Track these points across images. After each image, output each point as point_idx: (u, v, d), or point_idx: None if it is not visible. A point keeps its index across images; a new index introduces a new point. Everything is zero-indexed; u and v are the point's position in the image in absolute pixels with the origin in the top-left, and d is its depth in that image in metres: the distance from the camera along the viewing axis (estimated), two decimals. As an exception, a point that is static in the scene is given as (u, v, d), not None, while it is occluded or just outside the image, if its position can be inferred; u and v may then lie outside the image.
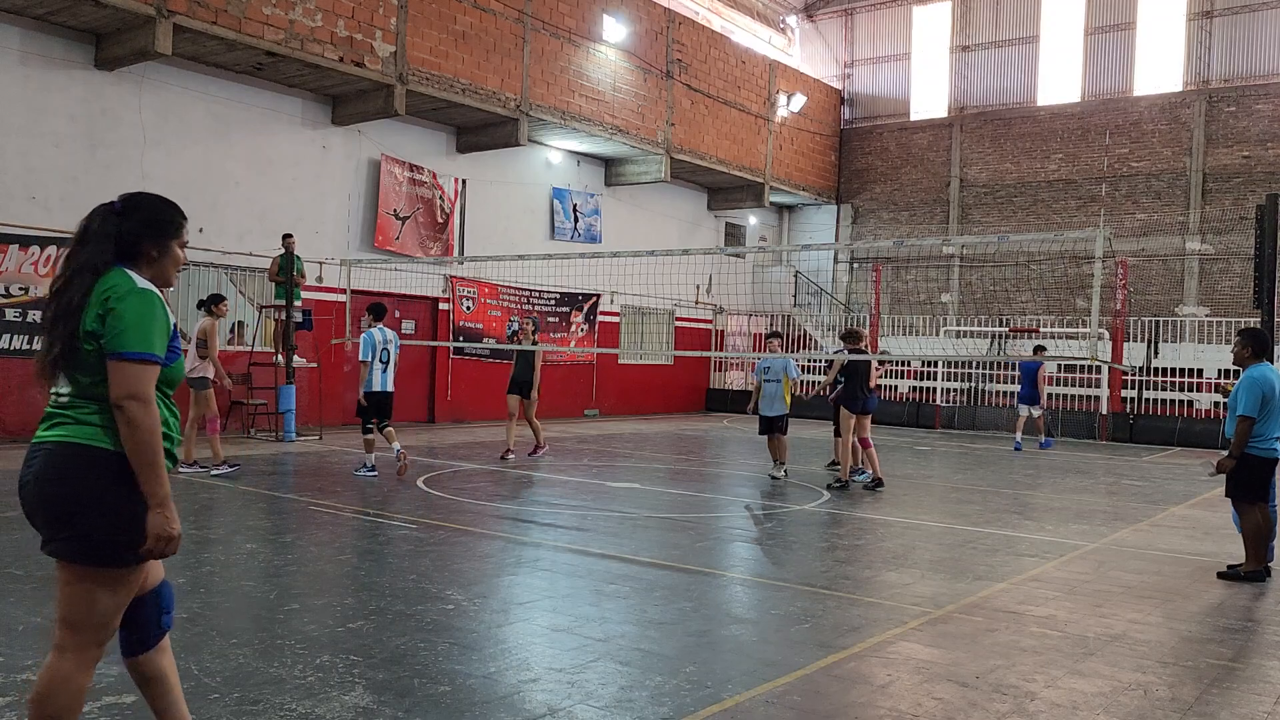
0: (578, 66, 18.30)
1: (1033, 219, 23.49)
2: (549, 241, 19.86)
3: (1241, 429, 6.76)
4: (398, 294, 17.02)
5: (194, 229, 14.31)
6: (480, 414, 18.71)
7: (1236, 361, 7.15)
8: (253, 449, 12.91)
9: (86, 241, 2.84)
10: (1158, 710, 4.15)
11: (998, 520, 9.16)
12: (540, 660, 4.54)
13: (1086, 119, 23.12)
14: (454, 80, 15.96)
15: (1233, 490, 6.93)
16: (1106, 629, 5.40)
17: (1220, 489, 12.00)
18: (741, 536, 8.14)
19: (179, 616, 4.97)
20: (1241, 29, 21.74)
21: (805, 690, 4.25)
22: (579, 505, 9.38)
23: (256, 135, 15.13)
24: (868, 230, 25.82)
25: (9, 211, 12.42)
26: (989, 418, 20.95)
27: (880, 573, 6.72)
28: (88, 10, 12.22)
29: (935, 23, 25.42)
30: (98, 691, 3.88)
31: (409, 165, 17.18)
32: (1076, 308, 21.39)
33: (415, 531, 7.53)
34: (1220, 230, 21.63)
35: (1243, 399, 6.79)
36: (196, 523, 7.62)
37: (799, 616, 5.45)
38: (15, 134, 12.55)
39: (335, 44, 14.22)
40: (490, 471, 11.52)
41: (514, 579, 6.19)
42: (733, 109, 22.14)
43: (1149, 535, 8.61)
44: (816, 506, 9.58)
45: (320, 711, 3.77)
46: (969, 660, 4.74)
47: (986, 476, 12.73)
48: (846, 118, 26.55)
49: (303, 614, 5.12)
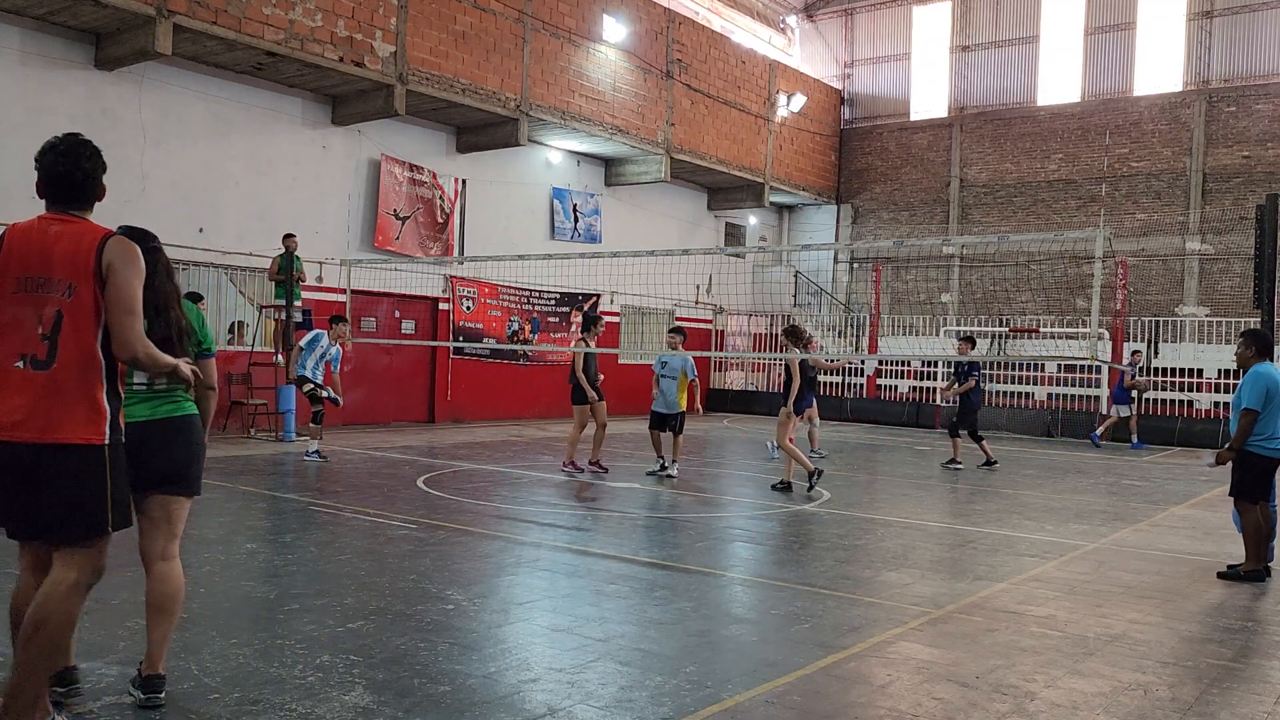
0: (578, 66, 18.30)
1: (1033, 219, 23.49)
2: (549, 241, 19.86)
3: (1244, 422, 6.75)
4: (398, 294, 17.03)
5: (194, 229, 14.36)
6: (480, 414, 18.71)
7: (1240, 363, 7.12)
8: (252, 449, 12.91)
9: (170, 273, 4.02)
10: (1158, 710, 4.15)
11: (998, 520, 9.16)
12: (540, 660, 4.54)
13: (1086, 119, 23.12)
14: (454, 80, 15.96)
15: (1236, 488, 6.92)
16: (1106, 629, 5.40)
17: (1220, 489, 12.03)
18: (741, 536, 8.14)
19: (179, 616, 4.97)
20: (1241, 29, 21.73)
21: (805, 690, 4.25)
22: (579, 505, 9.38)
23: (256, 135, 15.13)
24: (868, 230, 25.82)
25: (9, 211, 12.33)
26: (989, 418, 20.91)
27: (880, 573, 6.72)
28: (88, 10, 12.23)
29: (935, 23, 25.42)
30: (98, 691, 3.88)
31: (409, 165, 17.18)
32: (1076, 308, 21.38)
33: (415, 531, 7.52)
34: (1220, 230, 21.63)
35: (1247, 393, 6.78)
36: (196, 523, 7.62)
37: (799, 616, 5.45)
38: (15, 134, 12.54)
39: (335, 44, 14.22)
40: (490, 471, 11.52)
41: (514, 579, 6.19)
42: (733, 109, 22.14)
43: (1149, 535, 8.61)
44: (816, 506, 9.58)
45: (320, 711, 3.77)
46: (969, 660, 4.74)
47: (987, 476, 12.73)
48: (846, 118, 26.55)
49: (303, 614, 5.12)
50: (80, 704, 3.73)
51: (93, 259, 3.21)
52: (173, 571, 3.85)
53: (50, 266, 3.23)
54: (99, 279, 3.22)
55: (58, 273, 3.22)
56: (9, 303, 3.24)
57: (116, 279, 3.20)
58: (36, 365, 3.19)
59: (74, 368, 3.20)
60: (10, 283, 3.25)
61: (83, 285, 3.20)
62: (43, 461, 3.18)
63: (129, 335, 3.20)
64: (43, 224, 3.34)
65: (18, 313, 3.22)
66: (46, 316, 3.20)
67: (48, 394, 3.18)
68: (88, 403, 3.22)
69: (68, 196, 3.38)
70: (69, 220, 3.35)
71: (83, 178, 3.38)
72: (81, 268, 3.20)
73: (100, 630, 4.69)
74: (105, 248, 3.25)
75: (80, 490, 3.22)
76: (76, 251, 3.22)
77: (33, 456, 3.18)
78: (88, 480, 3.23)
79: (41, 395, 3.18)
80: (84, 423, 3.21)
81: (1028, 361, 20.93)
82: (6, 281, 3.26)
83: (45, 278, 3.22)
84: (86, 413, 3.21)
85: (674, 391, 11.41)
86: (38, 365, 3.19)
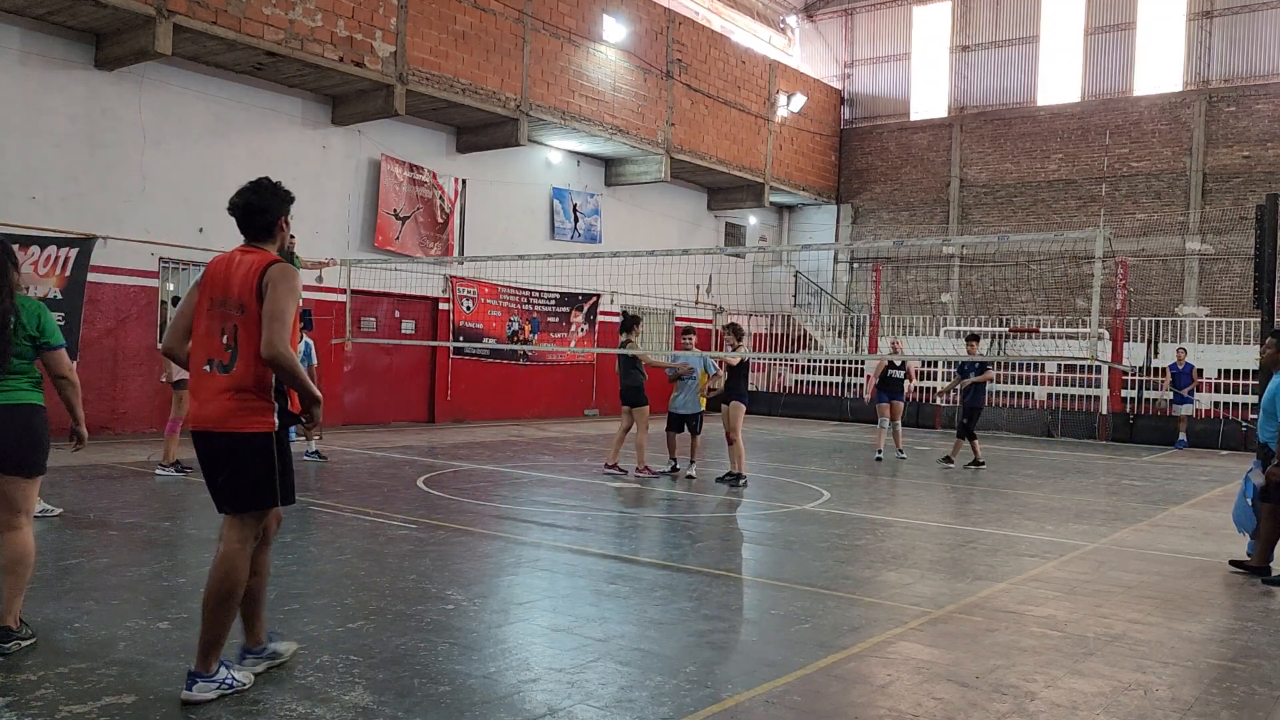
0: (578, 66, 18.31)
1: (1033, 219, 23.49)
2: (549, 241, 19.86)
3: None
4: (398, 294, 17.03)
5: (194, 229, 14.36)
6: (480, 414, 18.71)
7: (1268, 363, 7.00)
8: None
9: None
10: (1158, 710, 4.15)
11: (998, 520, 9.16)
12: (540, 660, 4.54)
13: (1086, 119, 23.12)
14: (454, 80, 15.96)
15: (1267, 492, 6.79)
16: (1106, 629, 5.40)
17: (1220, 489, 12.03)
18: (741, 536, 8.14)
19: (179, 616, 4.98)
20: (1241, 29, 21.73)
21: (805, 690, 4.25)
22: (579, 505, 9.38)
23: (256, 135, 15.13)
24: (868, 230, 25.82)
25: (9, 211, 12.42)
26: (989, 418, 20.92)
27: (880, 573, 6.72)
28: (88, 10, 12.22)
29: (935, 23, 25.42)
30: (98, 691, 3.89)
31: (409, 165, 17.18)
32: (1076, 308, 21.38)
33: (415, 531, 7.52)
34: (1220, 230, 21.63)
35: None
36: (196, 522, 7.62)
37: (799, 616, 5.45)
38: (15, 134, 12.55)
39: (335, 44, 14.22)
40: (490, 471, 11.52)
41: (514, 579, 6.19)
42: (733, 109, 22.14)
43: (1149, 535, 8.61)
44: (816, 506, 9.58)
45: (320, 711, 3.78)
46: (969, 660, 4.74)
47: (987, 476, 12.73)
48: (846, 118, 26.55)
49: (303, 614, 5.12)
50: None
51: (257, 281, 3.83)
52: (20, 539, 4.44)
53: (230, 289, 3.89)
54: (259, 296, 3.83)
55: (234, 294, 3.88)
56: (203, 319, 3.95)
57: (271, 293, 3.80)
58: (221, 369, 3.87)
59: (248, 372, 3.84)
60: (206, 302, 3.96)
61: (250, 304, 3.83)
62: (225, 447, 3.87)
63: (273, 337, 3.75)
64: (234, 254, 4.03)
65: (210, 326, 3.92)
66: (228, 329, 3.87)
67: (228, 392, 3.84)
68: (258, 400, 3.85)
69: (249, 230, 4.08)
70: (251, 250, 4.02)
71: (258, 215, 4.05)
72: (250, 289, 3.84)
73: (100, 630, 4.70)
74: (267, 271, 3.86)
75: (250, 470, 3.88)
76: (248, 276, 3.86)
77: (218, 443, 3.89)
78: (258, 462, 3.88)
79: (222, 393, 3.84)
80: (255, 416, 3.85)
81: (1028, 361, 20.93)
82: (203, 301, 3.97)
83: (226, 298, 3.89)
84: (257, 408, 3.85)
85: (693, 391, 11.41)
86: (222, 369, 3.87)
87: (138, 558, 6.52)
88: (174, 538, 7.14)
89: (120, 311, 13.70)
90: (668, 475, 11.29)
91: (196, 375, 3.95)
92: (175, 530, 7.39)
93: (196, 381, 3.96)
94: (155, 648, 4.47)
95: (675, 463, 11.50)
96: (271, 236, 4.08)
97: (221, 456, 3.90)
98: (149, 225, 13.91)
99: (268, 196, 4.05)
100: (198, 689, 3.78)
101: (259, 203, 4.04)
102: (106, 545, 6.79)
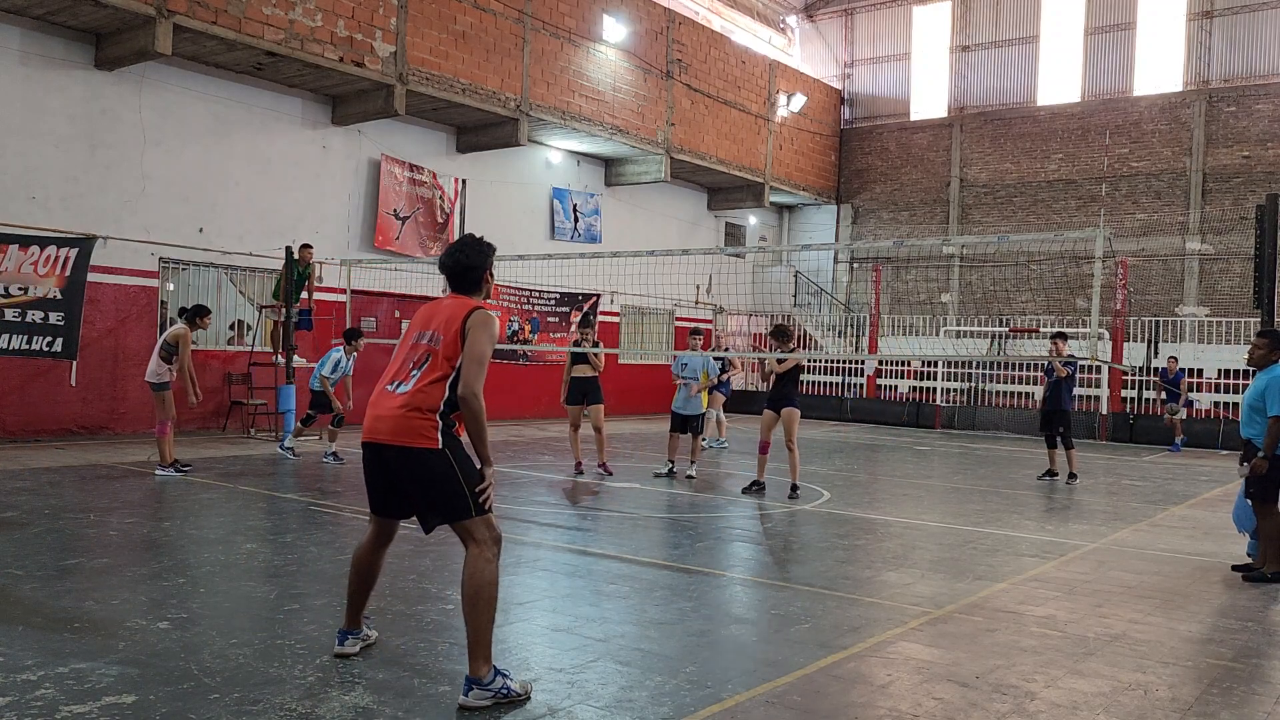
0: (578, 66, 18.30)
1: (1033, 219, 23.49)
2: (549, 241, 19.86)
3: (1276, 430, 6.62)
4: (398, 294, 17.02)
5: (194, 229, 14.36)
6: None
7: (1256, 362, 7.00)
8: (252, 449, 12.91)
9: None
10: (1158, 710, 4.15)
11: (998, 520, 9.16)
12: (540, 660, 4.54)
13: (1086, 119, 23.12)
14: (454, 80, 15.96)
15: (1254, 490, 6.85)
16: (1106, 629, 5.40)
17: (1220, 489, 12.02)
18: (741, 536, 8.14)
19: (179, 616, 4.98)
20: (1241, 29, 21.74)
21: (805, 690, 4.25)
22: (579, 505, 9.37)
23: (256, 135, 15.13)
24: (868, 230, 25.82)
25: (9, 211, 12.42)
26: (989, 418, 20.95)
27: (880, 573, 6.72)
28: (88, 10, 12.22)
29: (935, 23, 25.43)
30: (98, 691, 3.88)
31: (409, 165, 17.18)
32: (1076, 308, 21.38)
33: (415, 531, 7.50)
34: (1220, 230, 21.63)
35: (1273, 400, 6.66)
36: (197, 522, 7.62)
37: (799, 616, 5.45)
38: (15, 134, 12.55)
39: (335, 44, 14.22)
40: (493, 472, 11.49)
41: (514, 579, 6.19)
42: (733, 109, 22.14)
43: (1149, 535, 8.61)
44: (816, 506, 9.58)
45: (320, 711, 3.77)
46: (969, 660, 4.74)
47: (987, 476, 12.73)
48: (846, 118, 26.55)
49: (303, 614, 5.12)
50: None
51: (460, 323, 4.11)
52: None
53: (431, 324, 4.22)
54: (461, 338, 4.09)
55: (434, 328, 4.20)
56: (405, 350, 4.26)
57: (472, 337, 4.07)
58: (400, 387, 4.14)
59: (423, 394, 4.08)
60: (411, 335, 4.30)
61: (447, 337, 4.11)
62: (399, 461, 4.10)
63: (471, 378, 4.02)
64: (442, 299, 4.37)
65: (407, 355, 4.23)
66: (419, 356, 4.17)
67: (401, 410, 4.08)
68: (426, 419, 4.07)
69: (459, 286, 4.37)
70: (456, 298, 4.32)
71: (463, 270, 4.33)
72: (451, 327, 4.12)
73: (100, 630, 4.70)
74: (471, 316, 4.12)
75: (434, 484, 4.09)
76: (452, 317, 4.16)
77: (393, 457, 4.11)
78: (435, 477, 4.07)
79: (396, 409, 4.09)
80: (421, 433, 4.06)
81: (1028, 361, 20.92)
82: (410, 335, 4.31)
83: (426, 331, 4.23)
84: (424, 426, 4.06)
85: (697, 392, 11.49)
86: (401, 387, 4.14)
87: (138, 558, 6.52)
88: (174, 538, 7.13)
89: (120, 311, 13.70)
90: (666, 476, 11.30)
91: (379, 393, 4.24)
92: (175, 530, 7.38)
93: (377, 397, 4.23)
94: (155, 648, 4.46)
95: (673, 464, 11.51)
96: (479, 288, 4.36)
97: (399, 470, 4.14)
98: (149, 225, 13.91)
99: (475, 255, 4.33)
100: (473, 695, 3.89)
101: (468, 261, 4.31)
102: (106, 545, 6.79)
